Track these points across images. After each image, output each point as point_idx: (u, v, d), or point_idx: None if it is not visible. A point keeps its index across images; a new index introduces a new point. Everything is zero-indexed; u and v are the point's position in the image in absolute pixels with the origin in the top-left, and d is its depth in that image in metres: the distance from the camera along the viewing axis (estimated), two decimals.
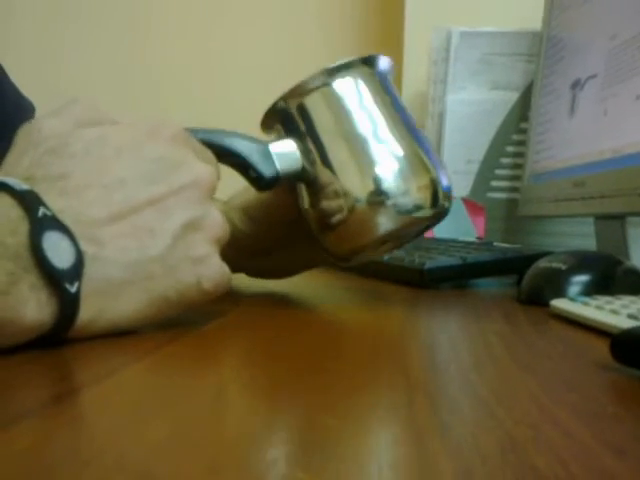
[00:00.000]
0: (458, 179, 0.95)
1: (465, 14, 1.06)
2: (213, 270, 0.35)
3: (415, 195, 0.42)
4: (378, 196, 0.41)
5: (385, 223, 0.42)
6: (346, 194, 0.42)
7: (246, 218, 0.49)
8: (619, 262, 0.50)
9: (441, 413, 0.22)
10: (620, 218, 0.63)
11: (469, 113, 0.95)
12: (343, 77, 0.43)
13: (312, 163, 0.43)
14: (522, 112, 0.92)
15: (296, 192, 0.45)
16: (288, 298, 0.52)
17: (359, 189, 0.42)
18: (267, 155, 0.43)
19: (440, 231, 0.93)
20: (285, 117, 0.44)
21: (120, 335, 0.33)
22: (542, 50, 0.84)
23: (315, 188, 0.43)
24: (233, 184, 0.48)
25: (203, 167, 0.36)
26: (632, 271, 0.50)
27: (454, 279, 0.61)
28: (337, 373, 0.28)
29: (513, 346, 0.34)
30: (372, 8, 1.25)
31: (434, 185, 0.43)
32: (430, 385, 0.26)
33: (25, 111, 0.64)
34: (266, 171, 0.42)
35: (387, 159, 0.42)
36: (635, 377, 0.26)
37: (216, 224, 0.35)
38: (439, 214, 0.45)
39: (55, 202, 0.31)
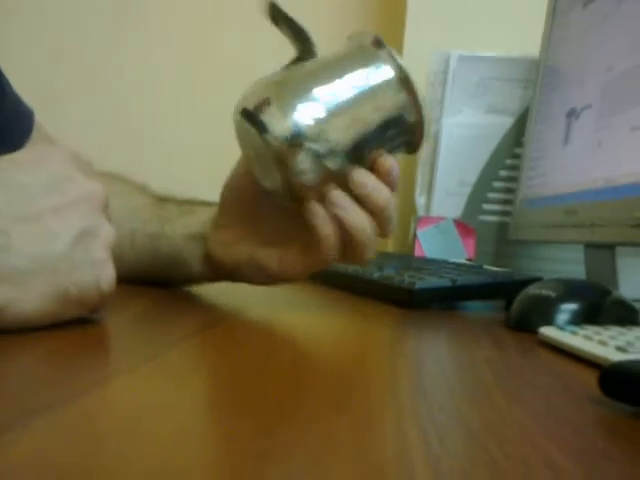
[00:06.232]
0: (450, 200, 0.96)
1: (464, 38, 1.07)
2: (109, 273, 0.38)
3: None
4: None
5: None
6: None
7: (221, 208, 0.52)
8: (608, 292, 0.51)
9: (431, 443, 0.22)
10: (610, 247, 0.63)
11: (464, 136, 0.95)
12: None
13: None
14: (517, 137, 0.93)
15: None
16: (275, 315, 0.52)
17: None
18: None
19: (431, 251, 0.94)
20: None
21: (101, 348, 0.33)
22: (539, 77, 0.85)
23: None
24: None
25: (93, 184, 0.39)
26: (620, 302, 0.50)
27: (443, 301, 0.61)
28: (324, 396, 0.27)
29: (503, 375, 0.34)
30: (372, 28, 1.25)
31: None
32: (420, 414, 0.26)
33: (24, 117, 0.64)
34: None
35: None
36: (623, 411, 0.27)
37: (109, 233, 0.38)
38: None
39: None
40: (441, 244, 0.94)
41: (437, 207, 0.96)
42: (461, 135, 0.95)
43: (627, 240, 0.59)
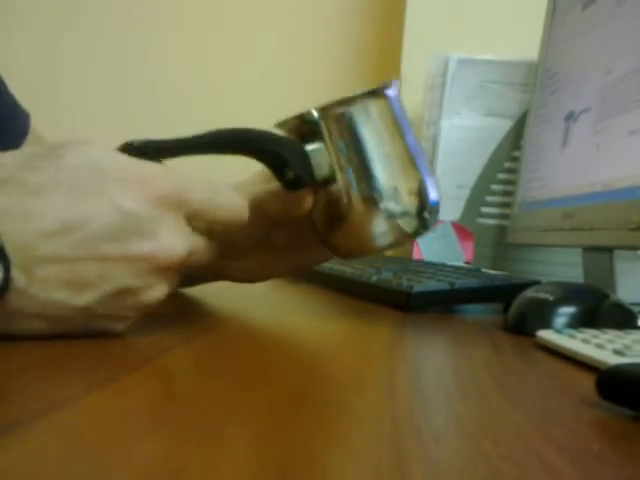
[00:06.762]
0: (449, 204, 0.96)
1: (463, 41, 1.07)
2: (122, 326, 0.35)
3: (404, 199, 0.45)
4: (371, 192, 0.44)
5: (379, 228, 0.45)
6: (348, 191, 0.44)
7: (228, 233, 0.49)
8: (606, 296, 0.51)
9: (427, 444, 0.22)
10: (608, 251, 0.63)
11: (463, 139, 0.95)
12: (377, 99, 0.46)
13: (335, 167, 0.45)
14: (515, 140, 0.93)
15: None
16: (273, 318, 0.52)
17: (357, 185, 0.44)
18: (304, 157, 0.43)
19: (429, 254, 0.94)
20: (313, 125, 0.45)
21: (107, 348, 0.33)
22: (538, 81, 0.85)
23: (330, 192, 0.45)
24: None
25: (173, 242, 0.34)
26: (618, 305, 0.50)
27: (441, 304, 0.61)
28: (321, 399, 0.27)
29: (500, 377, 0.34)
30: (371, 32, 1.26)
31: (422, 193, 0.47)
32: (416, 415, 0.26)
33: (19, 119, 0.64)
34: (304, 174, 0.43)
35: (390, 169, 0.45)
36: (620, 415, 0.27)
37: (155, 297, 0.35)
38: (422, 226, 0.47)
39: (14, 220, 0.31)
40: (439, 247, 0.94)
41: None
42: (460, 138, 0.95)
43: (625, 243, 0.59)
